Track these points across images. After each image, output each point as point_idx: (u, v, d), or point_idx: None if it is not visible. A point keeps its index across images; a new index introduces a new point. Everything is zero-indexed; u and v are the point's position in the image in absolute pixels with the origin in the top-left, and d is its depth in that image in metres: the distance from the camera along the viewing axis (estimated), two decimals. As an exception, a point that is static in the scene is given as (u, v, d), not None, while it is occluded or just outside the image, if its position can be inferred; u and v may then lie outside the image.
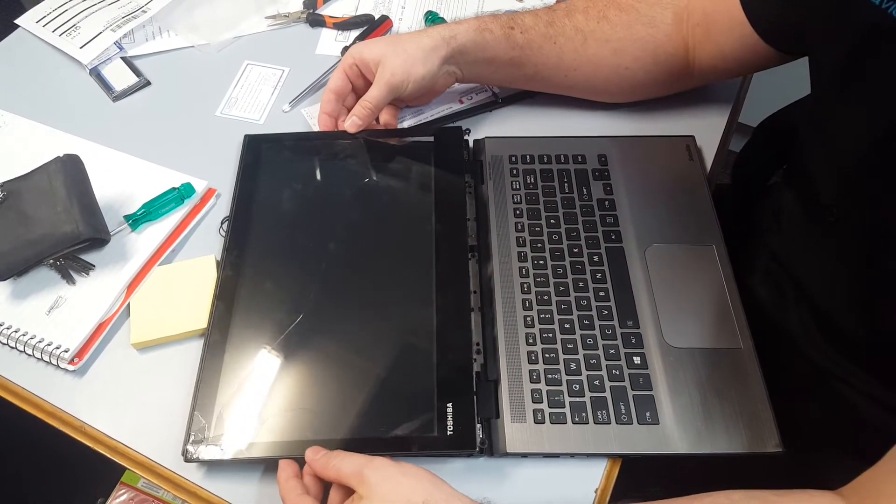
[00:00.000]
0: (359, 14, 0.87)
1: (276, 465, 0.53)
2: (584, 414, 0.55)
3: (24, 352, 0.59)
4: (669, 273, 0.63)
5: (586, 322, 0.60)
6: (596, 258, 0.63)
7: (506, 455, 0.54)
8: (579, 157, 0.70)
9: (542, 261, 0.63)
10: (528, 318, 0.60)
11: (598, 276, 0.62)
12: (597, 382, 0.57)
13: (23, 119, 0.75)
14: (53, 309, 0.61)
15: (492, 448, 0.54)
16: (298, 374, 0.57)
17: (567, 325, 0.59)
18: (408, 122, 0.76)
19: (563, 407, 0.55)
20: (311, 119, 0.77)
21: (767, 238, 0.69)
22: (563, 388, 0.56)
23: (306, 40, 0.85)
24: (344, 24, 0.86)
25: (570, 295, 0.61)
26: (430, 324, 0.59)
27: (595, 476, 0.54)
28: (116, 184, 0.68)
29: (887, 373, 0.57)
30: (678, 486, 0.87)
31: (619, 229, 0.65)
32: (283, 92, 0.79)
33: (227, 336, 0.58)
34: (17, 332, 0.59)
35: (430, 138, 0.72)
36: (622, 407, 0.55)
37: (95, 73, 0.80)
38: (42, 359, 0.59)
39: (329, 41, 0.84)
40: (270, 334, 0.59)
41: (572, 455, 0.54)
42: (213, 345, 0.58)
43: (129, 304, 0.61)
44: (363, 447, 0.53)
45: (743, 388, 0.56)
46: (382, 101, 0.68)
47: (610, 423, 0.55)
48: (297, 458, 0.54)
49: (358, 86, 0.70)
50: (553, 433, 0.55)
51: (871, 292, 0.55)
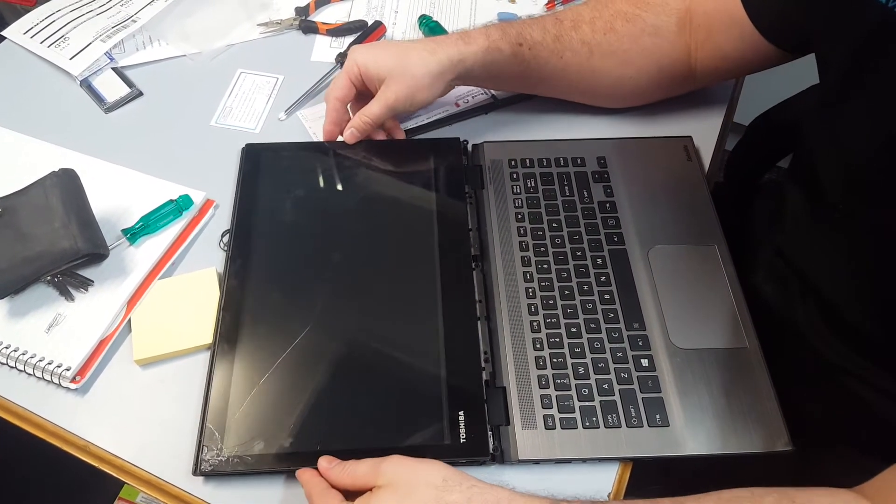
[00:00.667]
0: (352, 20, 0.86)
1: (288, 478, 0.53)
2: (594, 418, 0.55)
3: (25, 371, 0.58)
4: (673, 274, 0.63)
5: (593, 325, 0.60)
6: (599, 261, 0.63)
7: (518, 462, 0.54)
8: (578, 160, 0.70)
9: (545, 265, 0.63)
10: (535, 323, 0.60)
11: (603, 278, 0.62)
12: (606, 386, 0.56)
13: (14, 133, 0.74)
14: (53, 326, 0.60)
15: (503, 455, 0.54)
16: (309, 385, 0.57)
17: (574, 329, 0.59)
18: (404, 125, 0.75)
19: (573, 412, 0.55)
20: (309, 125, 0.76)
21: (770, 235, 0.70)
22: (573, 392, 0.56)
23: (300, 47, 0.84)
24: (337, 31, 0.85)
25: (575, 298, 0.61)
26: (437, 334, 0.59)
27: (607, 480, 0.54)
28: (113, 197, 0.67)
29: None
30: (680, 486, 0.87)
31: (621, 231, 0.65)
32: (279, 100, 0.79)
33: (236, 347, 0.58)
34: (16, 351, 0.58)
35: (430, 148, 0.72)
36: (632, 410, 0.55)
37: (86, 85, 0.79)
38: (43, 378, 0.58)
39: (323, 48, 0.84)
40: (278, 345, 0.58)
41: (584, 460, 0.54)
42: (222, 356, 0.57)
43: (129, 319, 0.61)
44: (377, 456, 0.53)
45: (751, 388, 0.56)
46: (382, 119, 0.68)
47: (620, 427, 0.55)
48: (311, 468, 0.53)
49: (360, 91, 0.70)
50: (564, 438, 0.54)
51: (880, 286, 0.55)
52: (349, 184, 0.69)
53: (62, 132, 0.74)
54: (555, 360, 0.58)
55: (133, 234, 0.64)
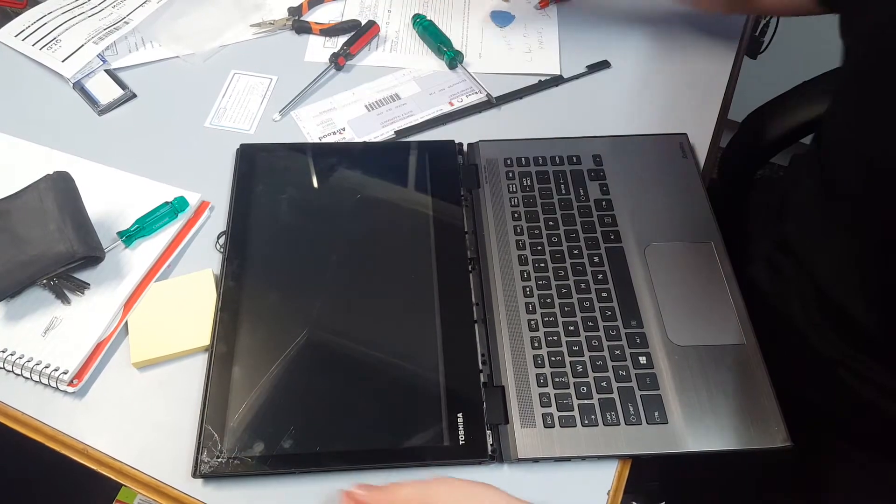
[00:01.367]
0: (345, 20, 0.86)
1: (288, 480, 0.53)
2: (593, 416, 0.55)
3: (22, 375, 0.58)
4: (670, 271, 0.63)
5: (590, 323, 0.60)
6: (596, 259, 0.63)
7: (517, 461, 0.54)
8: (574, 158, 0.70)
9: (542, 263, 0.63)
10: (532, 322, 0.60)
11: (600, 276, 0.62)
12: (604, 384, 0.57)
13: (6, 136, 0.73)
14: (49, 330, 0.59)
15: (503, 454, 0.54)
16: (307, 387, 0.57)
17: (571, 328, 0.60)
18: (398, 125, 0.75)
19: (572, 410, 0.55)
20: (304, 125, 0.76)
21: (770, 228, 0.70)
22: (571, 390, 0.56)
23: (293, 48, 0.84)
24: (331, 31, 0.85)
25: (572, 297, 0.61)
26: (434, 336, 0.59)
27: (607, 478, 0.54)
28: (107, 200, 0.67)
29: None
30: (679, 482, 0.88)
31: (617, 229, 0.65)
32: (273, 101, 0.78)
33: (234, 349, 0.58)
34: (12, 355, 0.58)
35: (425, 151, 0.72)
36: (630, 407, 0.55)
37: (79, 87, 0.79)
38: (40, 381, 0.57)
39: (317, 48, 0.84)
40: (276, 347, 0.58)
41: (583, 458, 0.54)
42: (220, 358, 0.57)
43: (126, 322, 0.60)
44: (377, 458, 0.54)
45: (749, 384, 0.57)
46: None
47: (619, 425, 0.55)
48: (311, 471, 0.53)
49: None
50: (563, 437, 0.54)
51: (888, 281, 0.55)
52: (345, 184, 0.69)
53: (56, 135, 0.74)
54: (553, 358, 0.58)
55: (129, 237, 0.64)
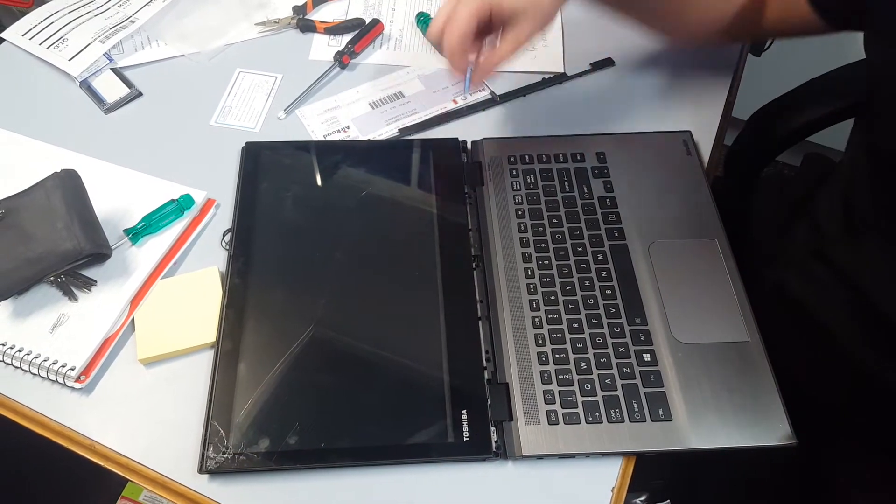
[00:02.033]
0: (349, 18, 0.86)
1: (293, 476, 0.53)
2: (597, 413, 0.55)
3: (30, 371, 0.58)
4: (674, 268, 0.63)
5: (594, 321, 0.60)
6: (600, 256, 0.64)
7: (522, 457, 0.54)
8: (578, 156, 0.70)
9: (546, 261, 0.64)
10: (537, 319, 0.60)
11: (604, 274, 0.63)
12: (608, 381, 0.57)
13: (14, 134, 0.74)
14: (57, 327, 0.60)
15: (507, 451, 0.54)
16: (313, 384, 0.57)
17: (575, 325, 0.60)
18: (402, 123, 0.76)
19: (576, 407, 0.56)
20: (308, 123, 0.76)
21: (791, 230, 0.69)
22: (575, 388, 0.57)
23: (298, 46, 0.84)
24: (335, 29, 0.85)
25: (576, 294, 0.61)
26: (438, 334, 0.59)
27: (611, 475, 0.55)
28: (114, 197, 0.68)
29: None
30: (684, 480, 0.88)
31: (621, 226, 0.65)
32: (278, 99, 0.79)
33: (240, 346, 0.58)
34: (20, 351, 0.58)
35: (429, 149, 0.72)
36: (634, 405, 0.56)
37: (86, 86, 0.79)
38: (48, 378, 0.58)
39: (321, 46, 0.84)
40: (282, 344, 0.58)
41: (587, 455, 0.54)
42: (226, 354, 0.58)
43: (133, 319, 0.61)
44: (382, 454, 0.54)
45: (753, 382, 0.57)
46: (509, 58, 0.63)
47: (623, 422, 0.55)
48: (316, 467, 0.54)
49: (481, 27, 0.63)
50: (567, 434, 0.55)
51: None
52: (349, 182, 0.70)
53: (62, 133, 0.74)
54: (557, 355, 0.58)
55: (135, 234, 0.64)
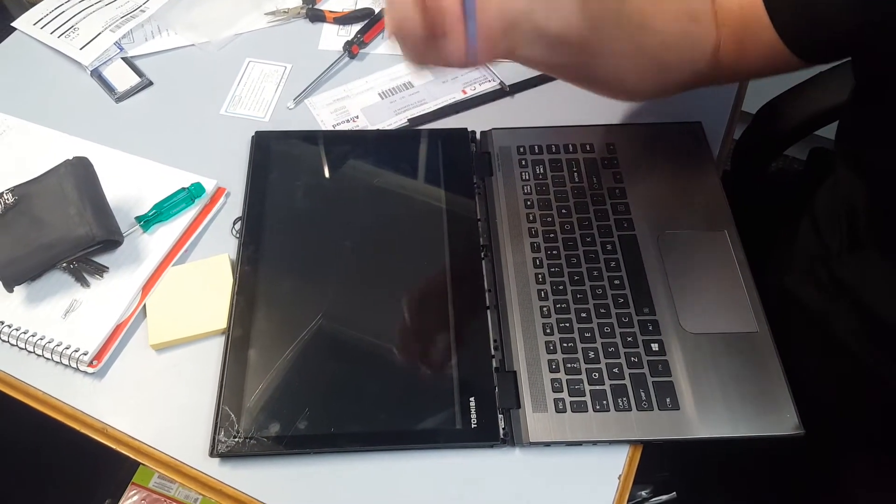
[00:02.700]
0: (359, 8, 0.86)
1: (303, 460, 0.54)
2: (604, 401, 0.56)
3: (43, 356, 0.59)
4: (683, 259, 0.63)
5: (602, 310, 0.60)
6: (609, 247, 0.64)
7: (529, 444, 0.54)
8: (587, 146, 0.70)
9: (555, 251, 0.64)
10: (545, 308, 0.60)
11: (613, 264, 0.63)
12: (616, 370, 0.57)
13: (26, 122, 0.74)
14: (69, 312, 0.60)
15: (514, 438, 0.55)
16: (322, 369, 0.58)
17: (584, 315, 0.60)
18: (411, 113, 0.76)
19: (584, 395, 0.56)
20: (318, 113, 0.76)
21: (795, 231, 0.68)
22: (583, 376, 0.57)
23: (307, 36, 0.85)
24: (344, 19, 0.85)
25: (585, 284, 0.62)
26: (447, 323, 0.60)
27: (618, 462, 0.55)
28: (125, 185, 0.68)
29: None
30: (691, 473, 0.88)
31: (630, 217, 0.66)
32: (287, 88, 0.79)
33: (250, 332, 0.59)
34: (34, 336, 0.59)
35: (438, 139, 0.72)
36: (642, 393, 0.56)
37: (97, 75, 0.80)
38: (61, 362, 0.59)
39: (331, 36, 0.84)
40: (292, 330, 0.59)
41: (594, 442, 0.55)
42: (236, 340, 0.58)
43: (145, 305, 0.61)
44: (391, 440, 0.55)
45: (761, 372, 0.57)
46: None
47: (631, 410, 0.55)
48: (325, 451, 0.55)
49: None
50: (575, 421, 0.55)
51: None
52: (358, 172, 0.70)
53: (74, 122, 0.75)
54: (565, 344, 0.58)
55: (146, 222, 0.65)
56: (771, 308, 0.60)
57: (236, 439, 0.54)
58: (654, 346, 0.58)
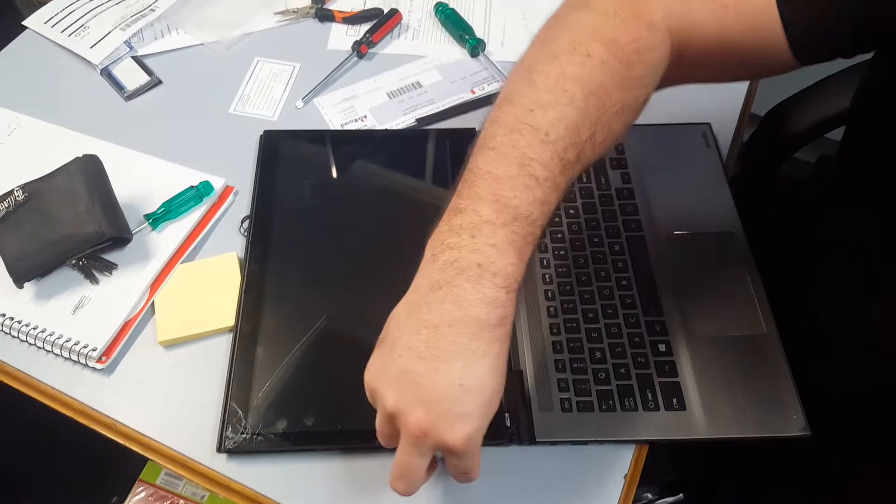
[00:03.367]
0: (367, 8, 0.87)
1: (310, 457, 0.54)
2: (611, 401, 0.56)
3: (52, 352, 0.59)
4: (691, 260, 0.63)
5: (610, 311, 0.60)
6: (617, 247, 0.64)
7: (535, 443, 0.54)
8: (595, 147, 0.70)
9: (562, 251, 0.64)
10: (552, 308, 0.60)
11: (620, 265, 0.63)
12: (623, 370, 0.57)
13: (36, 120, 0.75)
14: (78, 308, 0.61)
15: (521, 437, 0.55)
16: (329, 367, 0.58)
17: (591, 315, 0.60)
18: (419, 112, 0.76)
19: (590, 395, 0.56)
20: (326, 113, 0.77)
21: (830, 283, 0.66)
22: (590, 376, 0.57)
23: (316, 35, 0.85)
24: (353, 18, 0.86)
25: (592, 284, 0.62)
26: None
27: (623, 462, 0.55)
28: (134, 183, 0.68)
29: None
30: (696, 476, 0.88)
31: (639, 218, 0.65)
32: (296, 88, 0.79)
33: (258, 329, 0.59)
34: (43, 332, 0.59)
35: (446, 139, 0.72)
36: (649, 394, 0.56)
37: (106, 73, 0.80)
38: (70, 358, 0.59)
39: (340, 35, 0.84)
40: (299, 328, 0.59)
41: (601, 442, 0.55)
42: (244, 338, 0.58)
43: (153, 302, 0.62)
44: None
45: (769, 374, 0.57)
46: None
47: (637, 410, 0.55)
48: (332, 448, 0.54)
49: None
50: (581, 421, 0.55)
51: None
52: (366, 171, 0.70)
53: (84, 120, 0.75)
54: (571, 344, 0.58)
55: (155, 220, 0.65)
56: (781, 312, 0.60)
57: (244, 436, 0.54)
58: (662, 347, 0.58)
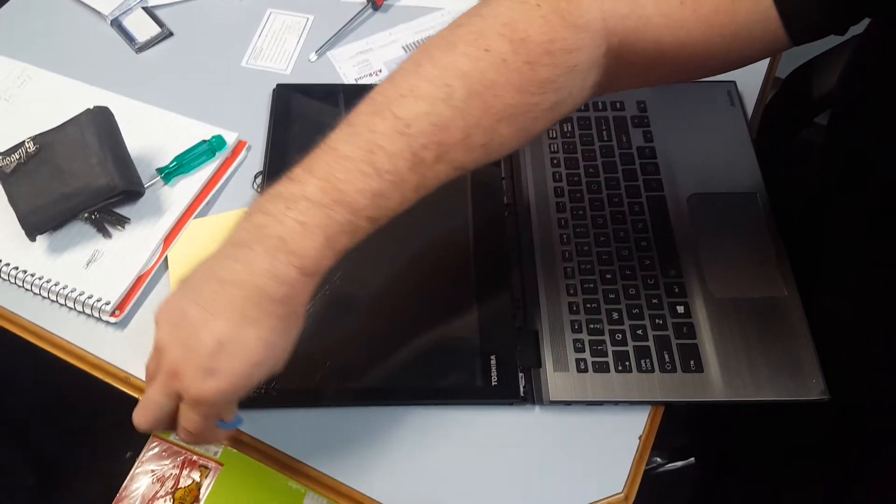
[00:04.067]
0: (383, -41, 0.84)
1: (323, 414, 0.54)
2: (627, 363, 0.55)
3: (66, 305, 0.59)
4: (711, 221, 0.62)
5: (628, 272, 0.59)
6: (637, 207, 0.62)
7: (550, 403, 0.54)
8: (618, 104, 0.68)
9: (580, 210, 0.63)
10: (569, 269, 0.59)
11: (640, 225, 0.61)
12: (640, 332, 0.56)
13: (46, 72, 0.74)
14: (91, 262, 0.60)
15: (535, 397, 0.54)
16: (344, 325, 0.57)
17: (608, 276, 0.59)
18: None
19: (606, 356, 0.55)
20: (340, 66, 0.75)
21: (831, 223, 0.65)
22: (606, 337, 0.56)
23: (330, -13, 0.83)
24: (369, -30, 0.83)
25: (610, 245, 0.61)
26: (469, 280, 0.59)
27: (639, 423, 0.54)
28: (146, 137, 0.67)
29: None
30: (710, 442, 0.87)
31: (659, 178, 0.64)
32: (309, 40, 0.77)
33: None
34: (56, 285, 0.59)
35: None
36: (666, 355, 0.55)
37: (117, 25, 0.78)
38: (83, 312, 0.59)
39: (354, -13, 0.82)
40: (313, 285, 0.58)
41: (616, 403, 0.54)
42: None
43: (166, 257, 0.61)
44: (410, 395, 0.55)
45: (788, 336, 0.56)
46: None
47: (654, 372, 0.55)
48: (345, 405, 0.54)
49: None
50: (596, 381, 0.54)
51: None
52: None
53: (94, 72, 0.74)
54: (588, 305, 0.58)
55: (168, 174, 0.64)
56: (800, 276, 0.59)
57: (258, 390, 0.53)
58: (680, 309, 0.57)
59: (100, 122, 0.62)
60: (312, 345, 0.56)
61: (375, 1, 0.79)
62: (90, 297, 0.58)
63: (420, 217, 0.63)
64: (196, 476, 1.01)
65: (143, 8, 0.80)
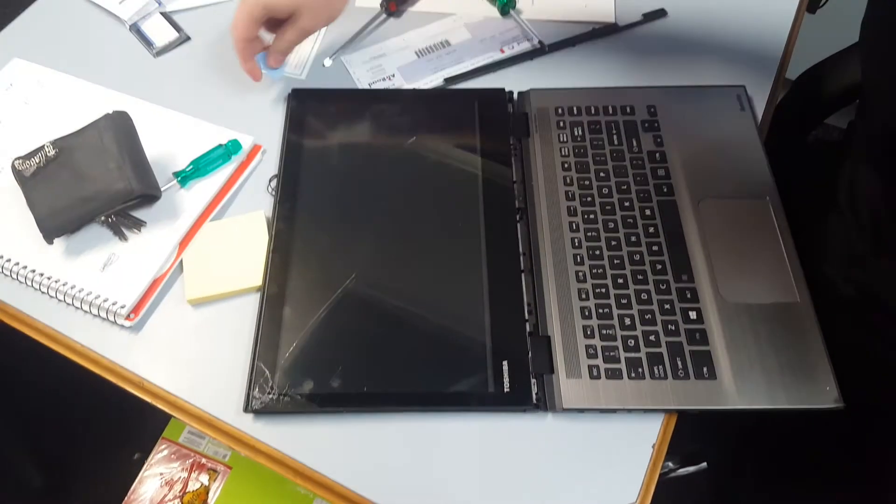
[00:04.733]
0: (397, -36, 0.84)
1: (335, 419, 0.54)
2: (640, 369, 0.55)
3: (81, 308, 0.60)
4: (724, 226, 0.61)
5: (640, 277, 0.59)
6: (648, 212, 0.62)
7: (562, 411, 0.54)
8: (628, 109, 0.68)
9: (592, 214, 0.63)
10: (581, 273, 0.59)
11: (651, 230, 0.61)
12: (652, 338, 0.56)
13: (66, 76, 0.75)
14: (107, 265, 0.61)
15: (547, 404, 0.54)
16: (356, 329, 0.58)
17: (620, 280, 0.59)
18: (448, 72, 0.74)
19: (619, 362, 0.55)
20: (354, 71, 0.75)
21: (837, 226, 0.65)
22: (618, 343, 0.56)
23: (345, -8, 0.83)
24: (382, -25, 0.83)
25: (622, 249, 0.60)
26: (481, 285, 0.59)
27: (652, 431, 0.54)
28: (163, 140, 0.68)
29: None
30: (722, 448, 0.87)
31: (670, 182, 0.64)
32: (324, 45, 0.78)
33: (285, 289, 0.59)
34: (73, 288, 0.60)
35: (474, 99, 0.71)
36: (679, 362, 0.55)
37: (135, 29, 0.79)
38: (98, 315, 0.59)
39: (368, -7, 0.82)
40: (327, 289, 0.59)
41: (629, 410, 0.54)
42: (271, 297, 0.58)
43: (181, 260, 0.62)
44: (422, 401, 0.55)
45: (801, 344, 0.55)
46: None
47: (667, 379, 0.54)
48: (358, 410, 0.55)
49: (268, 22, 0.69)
50: (609, 388, 0.54)
51: None
52: (394, 131, 0.69)
53: (113, 76, 0.75)
54: (600, 310, 0.58)
55: (184, 178, 0.65)
56: (812, 282, 0.58)
57: (270, 396, 0.54)
58: (692, 315, 0.57)
59: (118, 127, 0.63)
60: (324, 350, 0.56)
61: (389, 6, 0.79)
62: (105, 301, 0.59)
63: (432, 222, 0.63)
64: (205, 480, 1.02)
65: (162, 13, 0.81)
